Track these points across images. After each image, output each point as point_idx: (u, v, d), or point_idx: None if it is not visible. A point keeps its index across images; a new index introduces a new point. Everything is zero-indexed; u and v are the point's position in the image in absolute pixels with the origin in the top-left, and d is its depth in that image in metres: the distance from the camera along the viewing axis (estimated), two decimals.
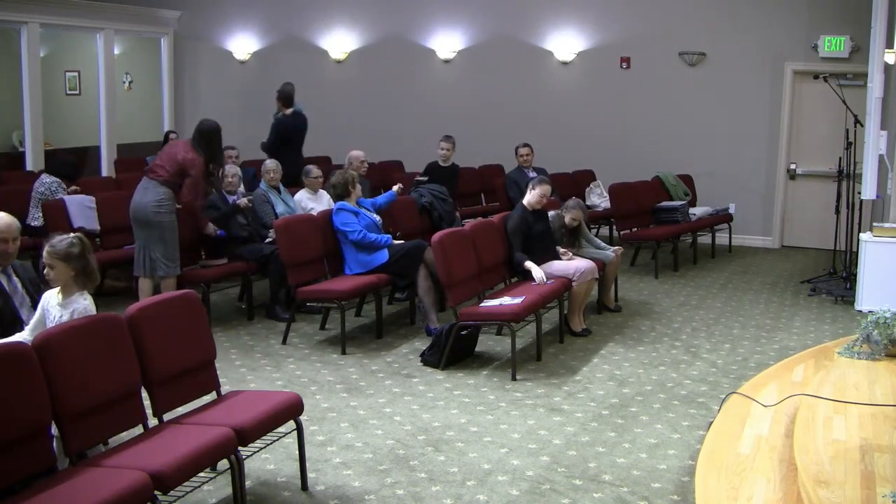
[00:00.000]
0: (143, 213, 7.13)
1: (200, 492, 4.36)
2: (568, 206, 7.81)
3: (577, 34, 12.29)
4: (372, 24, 13.36)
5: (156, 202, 7.10)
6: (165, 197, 7.14)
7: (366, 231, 7.33)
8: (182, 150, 7.23)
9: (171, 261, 7.19)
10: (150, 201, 7.11)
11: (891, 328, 5.05)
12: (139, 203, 7.16)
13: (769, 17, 11.39)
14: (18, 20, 11.95)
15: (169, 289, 7.09)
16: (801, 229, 11.62)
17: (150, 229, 7.13)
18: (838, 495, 3.31)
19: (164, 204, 7.13)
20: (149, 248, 7.16)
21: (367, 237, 7.29)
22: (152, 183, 7.17)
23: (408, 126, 13.19)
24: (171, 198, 7.18)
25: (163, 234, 7.14)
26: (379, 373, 6.42)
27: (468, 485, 4.58)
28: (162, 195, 7.13)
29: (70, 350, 3.83)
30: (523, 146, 10.30)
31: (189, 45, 14.46)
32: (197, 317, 4.63)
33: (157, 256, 7.15)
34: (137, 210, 7.16)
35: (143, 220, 7.14)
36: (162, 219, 7.12)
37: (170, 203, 7.17)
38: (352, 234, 7.28)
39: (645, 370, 6.51)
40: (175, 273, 7.25)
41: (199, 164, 7.16)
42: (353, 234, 7.27)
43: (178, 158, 7.16)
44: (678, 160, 11.61)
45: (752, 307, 8.44)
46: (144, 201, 7.13)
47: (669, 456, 4.96)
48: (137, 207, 7.16)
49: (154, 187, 7.14)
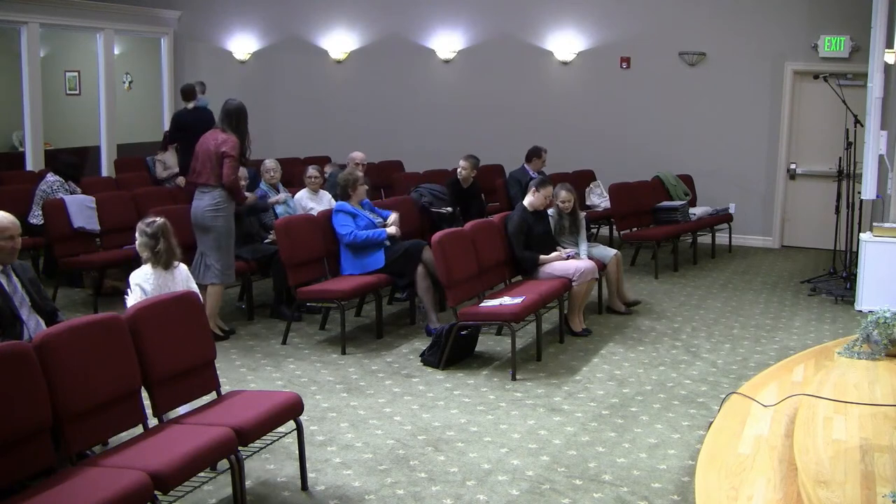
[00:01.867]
0: (199, 218, 6.92)
1: (200, 492, 4.36)
2: (555, 192, 7.57)
3: (577, 34, 12.29)
4: (372, 24, 13.37)
5: (212, 205, 6.88)
6: (221, 199, 6.89)
7: (357, 231, 7.30)
8: (211, 138, 6.98)
9: (226, 268, 6.98)
10: (206, 205, 6.89)
11: (891, 328, 5.05)
12: (195, 208, 6.95)
13: (769, 17, 11.40)
14: (18, 20, 11.95)
15: (213, 298, 6.92)
16: (801, 229, 11.62)
17: (207, 234, 6.93)
18: (838, 495, 3.31)
19: (221, 207, 6.90)
20: (205, 254, 6.97)
21: (358, 237, 7.27)
22: (205, 188, 6.93)
23: (408, 126, 13.20)
24: (226, 199, 6.93)
25: (218, 240, 6.92)
26: (379, 373, 6.42)
27: (468, 485, 4.58)
28: (217, 198, 6.89)
29: (70, 350, 3.83)
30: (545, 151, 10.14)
31: (189, 45, 14.46)
32: (197, 317, 4.63)
33: (211, 263, 6.94)
34: (195, 216, 6.95)
35: (200, 226, 6.94)
36: (217, 223, 6.89)
37: (226, 206, 6.93)
38: (345, 237, 7.26)
39: (645, 370, 6.51)
40: (227, 281, 7.04)
41: (233, 142, 6.87)
42: (346, 236, 7.26)
43: (212, 149, 6.89)
44: (678, 160, 11.61)
45: (752, 307, 8.44)
46: (200, 206, 6.92)
47: (669, 456, 4.96)
48: (195, 213, 6.95)
49: (208, 191, 6.90)
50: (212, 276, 6.97)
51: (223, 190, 6.90)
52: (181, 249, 5.38)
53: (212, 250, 6.94)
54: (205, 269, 6.97)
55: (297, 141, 13.54)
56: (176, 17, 14.40)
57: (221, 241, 6.95)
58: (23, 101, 12.27)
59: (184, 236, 7.84)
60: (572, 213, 7.71)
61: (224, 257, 6.99)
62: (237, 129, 6.96)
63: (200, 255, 7.01)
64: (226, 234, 6.97)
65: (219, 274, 6.98)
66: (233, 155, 6.85)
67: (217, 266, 6.95)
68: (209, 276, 6.97)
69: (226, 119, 6.99)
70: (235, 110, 7.01)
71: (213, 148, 6.89)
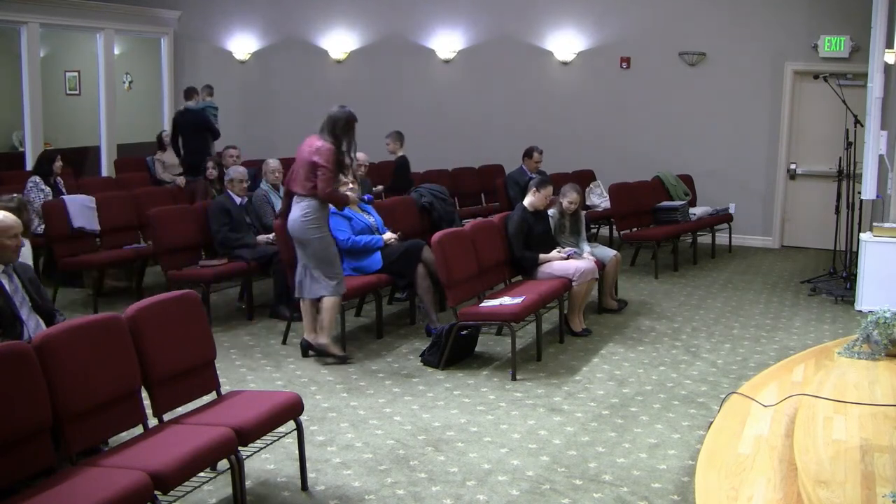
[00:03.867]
0: (294, 230, 6.50)
1: (200, 492, 4.36)
2: (564, 191, 7.66)
3: (577, 34, 12.29)
4: (372, 24, 13.37)
5: (301, 216, 6.43)
6: (311, 210, 6.41)
7: (353, 236, 7.28)
8: (307, 145, 6.51)
9: (331, 279, 6.52)
10: (297, 216, 6.45)
11: (891, 328, 5.06)
12: (291, 219, 6.51)
13: (769, 17, 11.40)
14: (18, 20, 11.95)
15: (328, 312, 6.53)
16: (801, 229, 11.62)
17: (303, 247, 6.50)
18: (838, 495, 3.31)
19: (310, 217, 6.42)
20: (308, 266, 6.54)
21: (357, 243, 7.25)
22: (298, 198, 6.50)
23: (408, 126, 13.13)
24: (317, 209, 6.44)
25: (315, 251, 6.46)
26: (379, 373, 6.42)
27: (468, 485, 4.58)
28: (306, 208, 6.42)
29: (70, 350, 3.83)
30: (538, 152, 10.17)
31: (189, 45, 14.46)
32: (197, 317, 4.63)
33: (317, 275, 6.51)
34: (291, 227, 6.52)
35: (296, 238, 6.52)
36: (310, 235, 6.43)
37: (316, 216, 6.44)
38: (342, 244, 7.19)
39: (645, 370, 6.51)
40: (338, 293, 6.55)
41: (328, 151, 6.37)
42: (344, 242, 7.17)
43: (305, 156, 6.46)
44: (678, 160, 11.62)
45: (752, 307, 8.44)
46: (293, 217, 6.48)
47: (669, 456, 4.96)
48: (290, 224, 6.51)
49: (299, 201, 6.47)
50: (321, 289, 6.52)
51: (313, 200, 6.42)
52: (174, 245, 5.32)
53: (312, 262, 6.51)
54: (311, 281, 6.54)
55: (297, 141, 13.37)
56: (176, 17, 14.40)
57: (318, 252, 6.48)
58: (23, 101, 12.28)
59: (186, 236, 7.92)
60: (574, 214, 7.73)
61: (326, 269, 6.51)
62: (336, 137, 6.45)
63: (304, 269, 6.58)
64: (322, 245, 6.49)
65: (328, 286, 6.51)
66: (326, 166, 6.34)
67: (324, 278, 6.50)
68: (319, 289, 6.53)
69: (326, 125, 6.48)
70: (336, 118, 6.47)
71: (307, 156, 6.44)
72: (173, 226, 7.85)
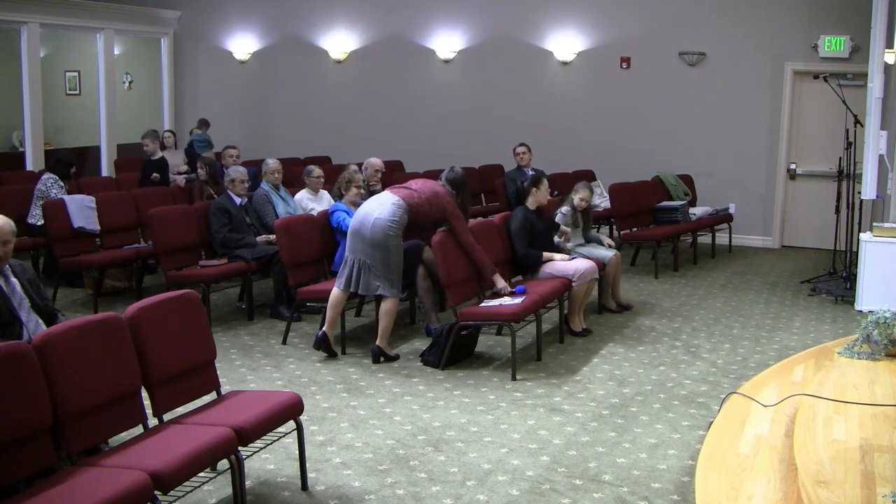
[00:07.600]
0: (377, 229, 6.51)
1: (200, 492, 4.36)
2: (577, 188, 7.98)
3: (577, 34, 12.29)
4: (372, 24, 13.37)
5: (390, 220, 6.50)
6: (399, 220, 6.56)
7: None
8: (440, 186, 6.86)
9: (394, 286, 6.63)
10: (386, 219, 6.49)
11: (891, 328, 5.05)
12: (376, 219, 6.51)
13: (769, 17, 11.40)
14: (18, 20, 11.96)
15: (388, 313, 6.60)
16: (801, 229, 11.62)
17: (378, 249, 6.54)
18: (838, 495, 3.31)
19: (396, 225, 6.54)
20: (374, 269, 6.56)
21: None
22: (395, 199, 6.59)
23: (408, 126, 13.20)
24: (404, 222, 6.58)
25: (388, 256, 6.56)
26: (379, 373, 6.42)
27: (468, 485, 4.58)
28: (397, 215, 6.54)
29: (70, 350, 3.83)
30: (520, 145, 10.43)
31: (189, 45, 14.46)
32: (197, 317, 4.63)
33: (381, 276, 6.58)
34: (374, 227, 6.51)
35: (375, 238, 6.54)
36: (390, 242, 6.53)
37: (401, 225, 6.57)
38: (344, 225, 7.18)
39: (645, 370, 6.51)
40: (397, 296, 6.69)
41: (454, 203, 6.80)
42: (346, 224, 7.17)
43: (437, 189, 6.77)
44: (678, 160, 11.62)
45: (752, 307, 8.44)
46: (382, 218, 6.51)
47: (669, 456, 4.96)
48: (375, 223, 6.51)
49: (395, 203, 6.56)
50: (384, 290, 6.61)
51: (405, 214, 6.59)
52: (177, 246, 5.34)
53: (382, 266, 6.57)
54: (373, 279, 6.59)
55: (297, 141, 13.55)
56: (176, 17, 14.40)
57: (393, 256, 6.60)
58: (23, 101, 12.28)
59: (186, 235, 7.92)
60: (585, 210, 8.01)
61: (395, 274, 6.63)
62: (457, 194, 6.91)
63: (363, 267, 6.60)
64: (396, 252, 6.61)
65: (391, 290, 6.62)
66: (457, 215, 6.77)
67: (386, 281, 6.59)
68: (381, 289, 6.61)
69: (450, 185, 6.92)
70: (459, 180, 6.97)
71: (441, 196, 6.73)
72: (173, 226, 7.85)
